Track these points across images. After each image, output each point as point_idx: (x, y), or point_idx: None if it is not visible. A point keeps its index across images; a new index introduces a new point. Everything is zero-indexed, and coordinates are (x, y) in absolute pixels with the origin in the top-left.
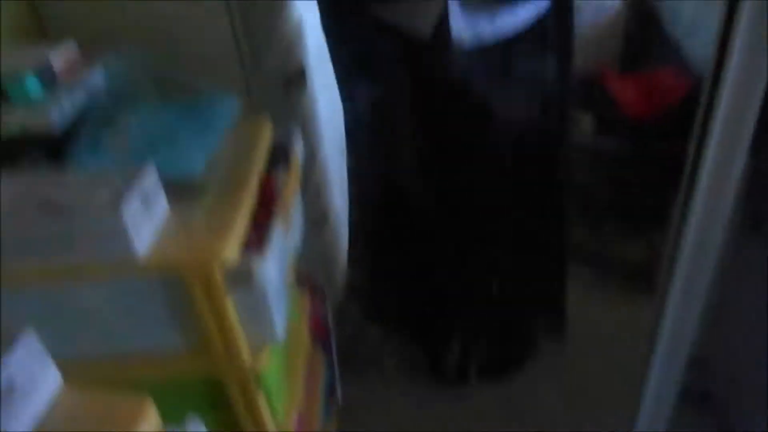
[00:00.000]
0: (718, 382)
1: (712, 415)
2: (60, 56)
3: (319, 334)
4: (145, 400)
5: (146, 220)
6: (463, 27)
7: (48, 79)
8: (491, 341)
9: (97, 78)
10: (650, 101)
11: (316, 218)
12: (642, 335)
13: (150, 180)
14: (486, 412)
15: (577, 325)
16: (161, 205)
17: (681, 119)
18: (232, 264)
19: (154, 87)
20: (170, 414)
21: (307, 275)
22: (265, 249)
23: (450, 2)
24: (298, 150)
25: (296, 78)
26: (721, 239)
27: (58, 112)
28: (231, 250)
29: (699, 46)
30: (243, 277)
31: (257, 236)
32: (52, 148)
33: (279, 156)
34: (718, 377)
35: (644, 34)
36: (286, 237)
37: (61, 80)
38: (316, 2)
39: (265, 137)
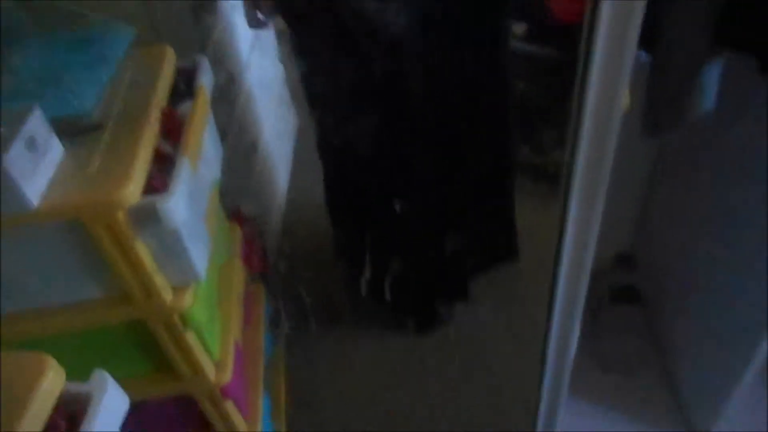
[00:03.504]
0: (645, 278)
1: (640, 311)
2: None
3: (256, 266)
4: (45, 357)
5: (37, 167)
6: None
7: None
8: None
9: None
10: (582, 4)
11: (245, 149)
12: None
13: (36, 123)
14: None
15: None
16: (54, 148)
17: None
18: (136, 204)
19: (39, 22)
20: (102, 360)
21: (237, 209)
22: (170, 186)
23: None
24: (206, 79)
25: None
26: (616, 132)
27: None
28: (133, 189)
29: None
30: (148, 217)
31: (162, 173)
32: None
33: (184, 86)
34: (645, 273)
35: None
36: (196, 171)
37: None
38: None
39: (167, 67)
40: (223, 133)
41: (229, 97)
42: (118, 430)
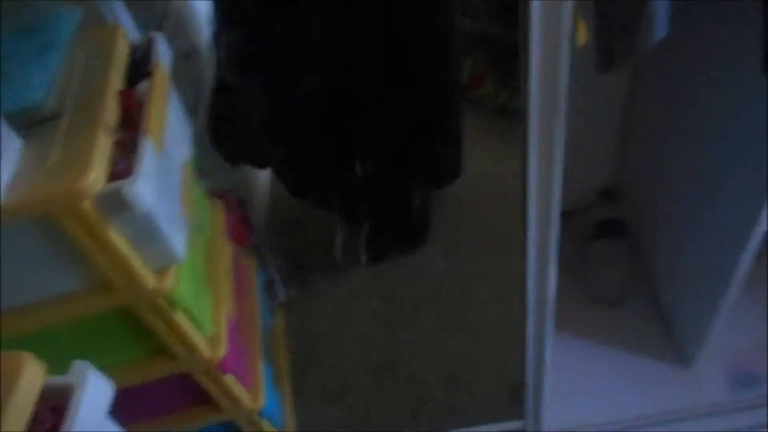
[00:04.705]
0: (629, 211)
1: (626, 243)
2: None
3: (243, 240)
4: (22, 354)
5: None
6: None
7: None
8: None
9: None
10: None
11: None
12: None
13: None
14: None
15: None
16: (11, 143)
17: None
18: (101, 191)
19: None
20: (95, 350)
21: (218, 188)
22: (135, 169)
23: None
24: (162, 56)
25: None
26: (566, 65)
27: None
28: (95, 177)
29: None
30: (116, 203)
31: (126, 157)
32: None
33: (140, 66)
34: (629, 206)
35: None
36: (162, 151)
37: None
38: None
39: (120, 47)
40: (193, 110)
41: (193, 72)
42: (105, 416)
